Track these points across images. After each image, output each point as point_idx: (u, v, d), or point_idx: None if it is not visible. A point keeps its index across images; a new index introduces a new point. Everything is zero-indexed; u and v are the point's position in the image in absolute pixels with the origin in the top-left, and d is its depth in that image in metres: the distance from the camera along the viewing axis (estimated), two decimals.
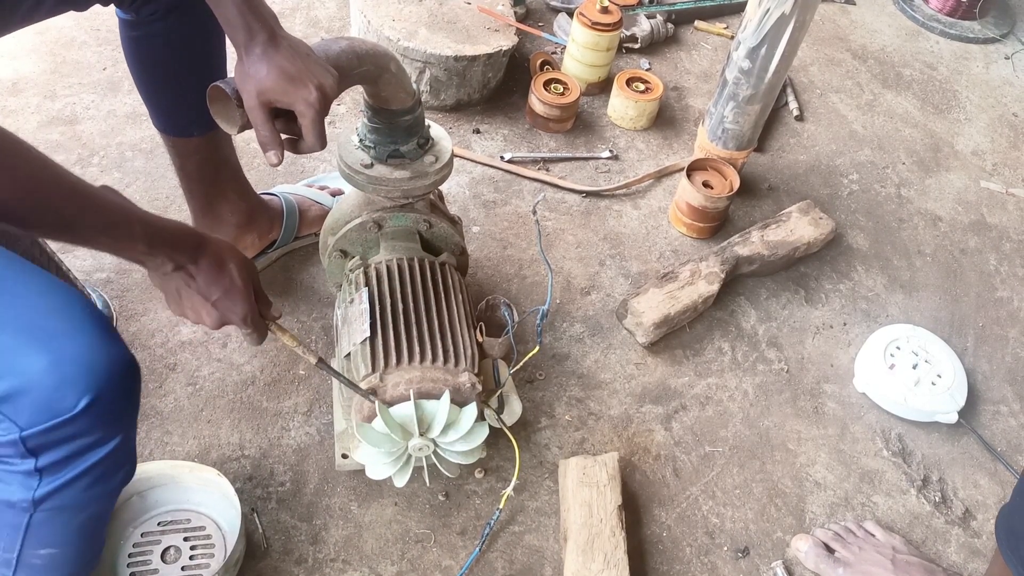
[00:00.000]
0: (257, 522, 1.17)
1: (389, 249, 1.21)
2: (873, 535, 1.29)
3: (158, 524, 1.15)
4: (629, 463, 1.33)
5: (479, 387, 1.08)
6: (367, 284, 1.15)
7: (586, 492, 1.22)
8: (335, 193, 1.49)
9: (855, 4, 2.50)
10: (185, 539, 1.14)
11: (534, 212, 1.60)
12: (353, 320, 1.12)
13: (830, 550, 1.26)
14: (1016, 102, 2.26)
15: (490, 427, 1.15)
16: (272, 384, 1.32)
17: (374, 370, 1.05)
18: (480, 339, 1.22)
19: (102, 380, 0.74)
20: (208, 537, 1.14)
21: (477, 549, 1.19)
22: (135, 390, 0.79)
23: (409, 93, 1.09)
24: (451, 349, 1.11)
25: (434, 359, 1.08)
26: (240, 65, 0.91)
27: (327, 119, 1.73)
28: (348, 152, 1.15)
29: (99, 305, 1.24)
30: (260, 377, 1.32)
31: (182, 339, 1.34)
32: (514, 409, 1.21)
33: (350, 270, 1.21)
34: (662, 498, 1.30)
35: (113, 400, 0.75)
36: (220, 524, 1.16)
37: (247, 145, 1.65)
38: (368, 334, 1.08)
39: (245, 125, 0.95)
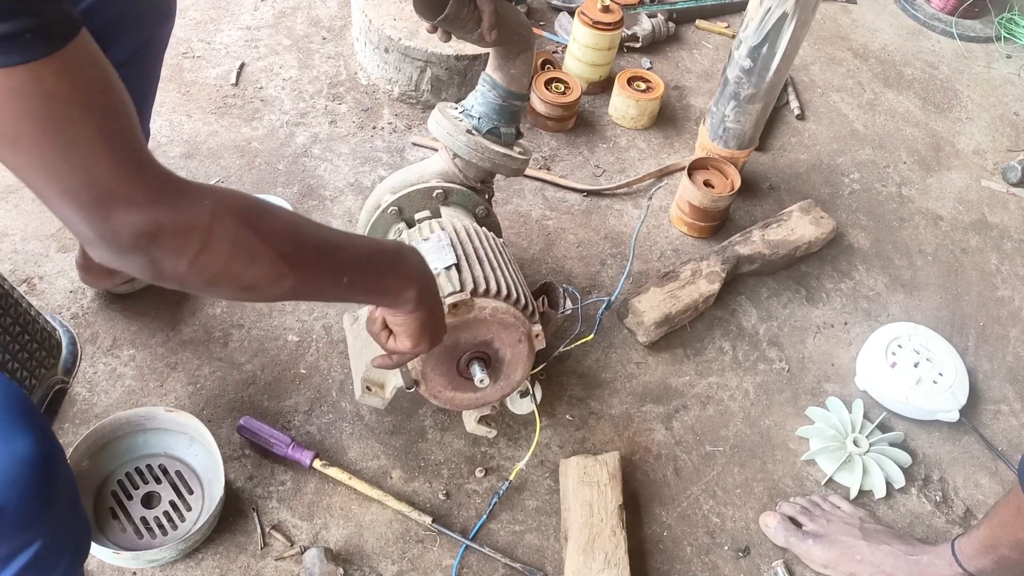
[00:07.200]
0: (257, 522, 1.17)
1: (451, 216, 1.25)
2: (839, 507, 1.29)
3: (135, 469, 1.18)
4: (630, 462, 1.33)
5: (543, 343, 1.14)
6: (443, 229, 1.18)
7: (587, 491, 1.22)
8: None
9: (856, 3, 2.50)
10: (168, 485, 1.17)
11: (650, 199, 1.70)
12: (428, 253, 1.13)
13: (798, 524, 1.26)
14: (1017, 101, 2.26)
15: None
16: (273, 383, 1.32)
17: (463, 289, 1.07)
18: (542, 309, 1.23)
19: (4, 487, 0.66)
20: (187, 484, 1.18)
21: (484, 516, 1.22)
22: (51, 484, 0.71)
23: (528, 83, 1.22)
24: (526, 298, 1.14)
25: (517, 300, 1.11)
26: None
27: (328, 119, 1.74)
28: (450, 116, 1.22)
29: (65, 341, 1.23)
30: (261, 376, 1.32)
31: (183, 338, 1.34)
32: (536, 392, 1.30)
33: (419, 220, 1.24)
34: (663, 497, 1.30)
35: (22, 505, 0.68)
36: (197, 470, 1.19)
37: (247, 145, 1.65)
38: (454, 261, 1.10)
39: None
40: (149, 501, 1.16)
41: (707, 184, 1.66)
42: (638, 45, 2.07)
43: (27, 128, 0.56)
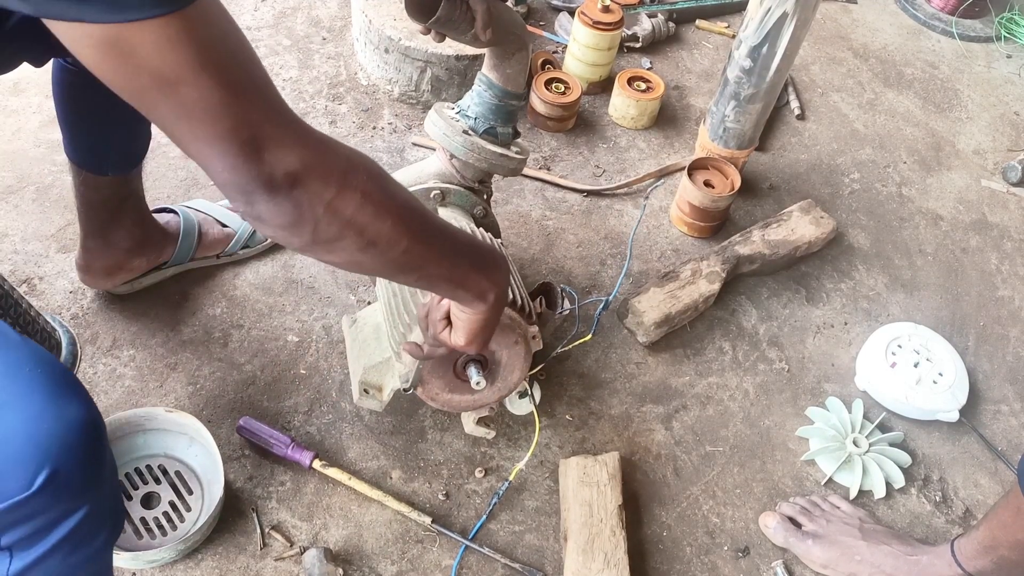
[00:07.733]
0: (257, 522, 1.17)
1: (448, 217, 1.25)
2: (839, 507, 1.30)
3: (135, 469, 1.18)
4: (630, 462, 1.33)
5: (540, 344, 1.13)
6: None
7: (587, 492, 1.22)
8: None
9: (856, 3, 2.49)
10: (167, 485, 1.18)
11: (646, 198, 1.70)
12: None
13: (797, 524, 1.27)
14: (1018, 101, 2.26)
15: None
16: (272, 384, 1.32)
17: None
18: (539, 310, 1.24)
19: (58, 450, 0.68)
20: (187, 484, 1.18)
21: (484, 516, 1.22)
22: (99, 451, 0.73)
23: (524, 82, 1.21)
24: (523, 299, 1.14)
25: (513, 302, 1.11)
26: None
27: (329, 119, 1.74)
28: (446, 117, 1.22)
29: (65, 342, 1.23)
30: (260, 377, 1.32)
31: (183, 338, 1.34)
32: (535, 393, 1.30)
33: None
34: (663, 497, 1.30)
35: (73, 469, 0.70)
36: (197, 471, 1.19)
37: None
38: None
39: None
40: (149, 502, 1.16)
41: (707, 184, 1.66)
42: (638, 45, 2.07)
43: (189, 71, 0.58)
